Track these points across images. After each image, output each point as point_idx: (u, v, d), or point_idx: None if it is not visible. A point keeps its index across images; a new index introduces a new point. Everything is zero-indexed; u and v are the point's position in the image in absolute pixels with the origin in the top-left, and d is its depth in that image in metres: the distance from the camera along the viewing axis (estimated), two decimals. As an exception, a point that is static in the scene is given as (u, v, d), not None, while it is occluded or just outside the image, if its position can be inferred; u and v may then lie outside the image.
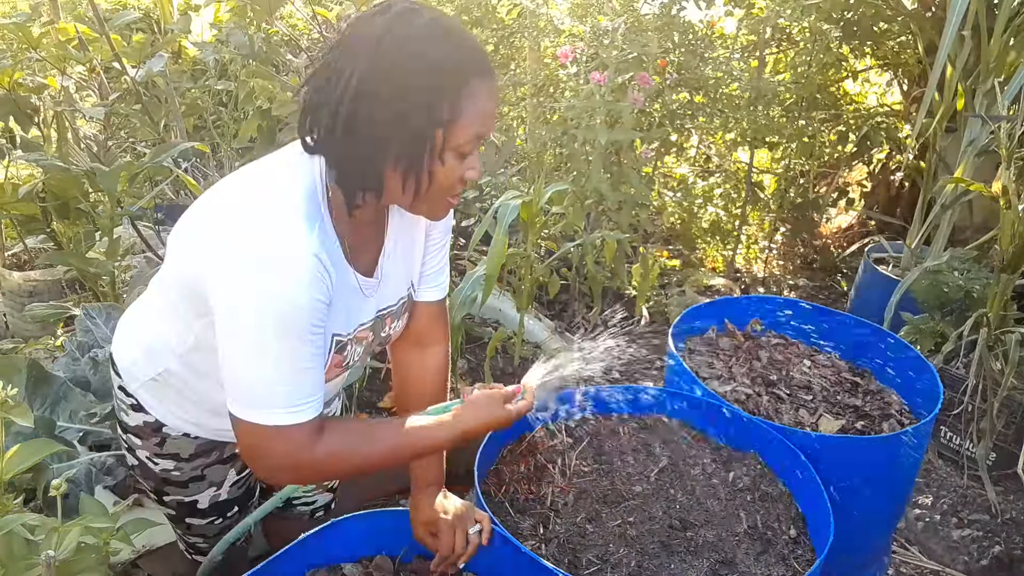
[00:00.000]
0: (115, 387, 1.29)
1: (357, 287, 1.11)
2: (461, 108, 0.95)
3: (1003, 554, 2.21)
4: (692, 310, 2.09)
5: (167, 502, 1.34)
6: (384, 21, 0.94)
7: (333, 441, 1.04)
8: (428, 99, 0.93)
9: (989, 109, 2.61)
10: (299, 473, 1.09)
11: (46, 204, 2.68)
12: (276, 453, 1.02)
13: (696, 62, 3.48)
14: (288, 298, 0.94)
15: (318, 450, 1.02)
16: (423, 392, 1.36)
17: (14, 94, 2.61)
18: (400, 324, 1.29)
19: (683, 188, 4.14)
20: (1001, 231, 2.36)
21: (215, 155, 3.18)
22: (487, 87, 0.98)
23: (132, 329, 1.26)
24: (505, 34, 3.90)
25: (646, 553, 1.30)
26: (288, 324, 0.95)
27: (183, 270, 1.06)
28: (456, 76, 0.94)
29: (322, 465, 1.06)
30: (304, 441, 1.01)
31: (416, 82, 0.92)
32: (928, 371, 1.84)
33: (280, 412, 0.98)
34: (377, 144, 0.95)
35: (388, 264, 1.18)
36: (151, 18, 4.05)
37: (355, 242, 1.10)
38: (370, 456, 1.08)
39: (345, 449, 1.06)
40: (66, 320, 2.36)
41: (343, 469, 1.13)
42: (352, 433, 1.08)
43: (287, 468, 1.05)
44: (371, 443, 1.09)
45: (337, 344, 1.11)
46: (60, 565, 1.01)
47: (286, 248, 0.94)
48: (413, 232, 1.23)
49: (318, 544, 1.27)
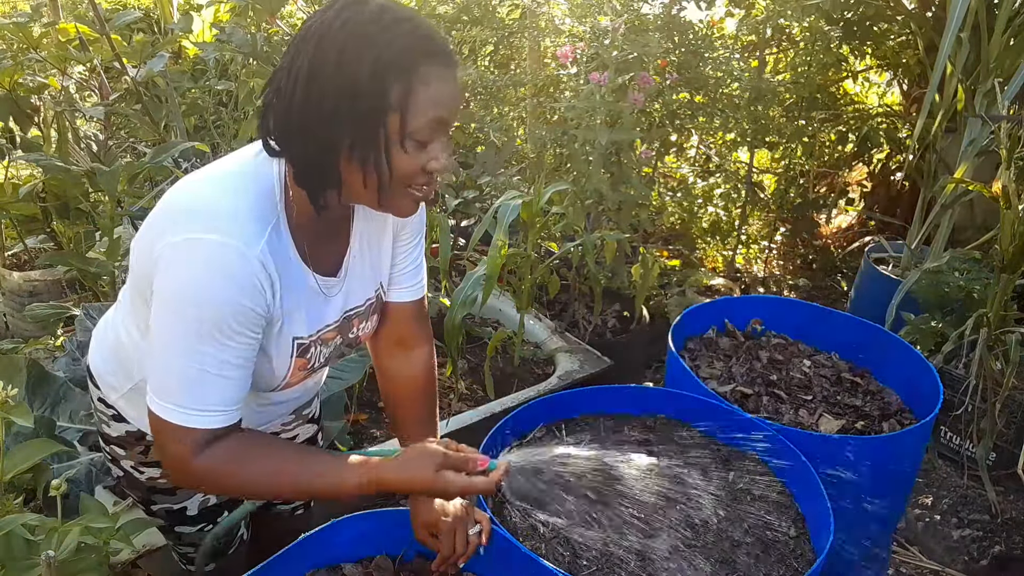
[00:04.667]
0: (94, 399, 1.28)
1: (316, 288, 1.10)
2: (412, 92, 0.91)
3: (1003, 554, 2.21)
4: (692, 310, 2.08)
5: (156, 511, 1.33)
6: (333, 12, 0.93)
7: (217, 456, 0.99)
8: (376, 86, 0.90)
9: (989, 109, 2.61)
10: (183, 478, 1.05)
11: (46, 204, 2.68)
12: (168, 451, 1.00)
13: (696, 62, 3.48)
14: (214, 297, 0.93)
15: (198, 462, 0.99)
16: (413, 395, 1.35)
17: (14, 94, 2.61)
18: (368, 325, 1.26)
19: (683, 188, 4.14)
20: (1001, 231, 2.36)
21: (215, 155, 3.17)
22: (440, 71, 0.93)
23: (106, 339, 1.25)
24: (505, 34, 3.90)
25: (646, 553, 1.30)
26: (206, 320, 0.93)
27: (141, 267, 1.04)
28: (404, 61, 0.91)
29: (199, 478, 1.02)
30: (189, 448, 0.98)
31: (363, 69, 0.90)
32: (928, 371, 1.84)
33: (175, 409, 0.96)
34: (330, 136, 0.93)
35: (353, 264, 1.16)
36: (151, 18, 4.06)
37: (318, 242, 1.08)
38: (255, 481, 1.04)
39: (225, 467, 1.01)
40: (66, 320, 2.36)
41: (223, 486, 1.08)
42: (241, 451, 1.02)
43: (175, 469, 1.02)
44: (256, 467, 1.03)
45: (299, 347, 1.10)
46: (60, 565, 1.01)
47: (225, 249, 0.93)
48: (380, 232, 1.21)
49: (318, 544, 1.27)
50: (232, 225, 0.94)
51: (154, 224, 1.00)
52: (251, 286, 0.95)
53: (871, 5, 3.44)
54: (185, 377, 0.96)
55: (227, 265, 0.93)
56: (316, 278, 1.09)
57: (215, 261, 0.93)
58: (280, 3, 2.85)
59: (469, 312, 2.33)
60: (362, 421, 2.46)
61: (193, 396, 0.97)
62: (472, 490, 1.05)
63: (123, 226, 2.71)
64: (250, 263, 0.94)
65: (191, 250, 0.93)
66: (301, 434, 1.48)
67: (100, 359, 1.26)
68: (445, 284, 2.69)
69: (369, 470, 1.03)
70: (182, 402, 0.97)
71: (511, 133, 3.87)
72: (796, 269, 4.21)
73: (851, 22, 3.53)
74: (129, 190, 2.39)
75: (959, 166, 2.75)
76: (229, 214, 0.95)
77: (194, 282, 0.93)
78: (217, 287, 0.93)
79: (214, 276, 0.93)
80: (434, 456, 1.03)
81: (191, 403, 0.97)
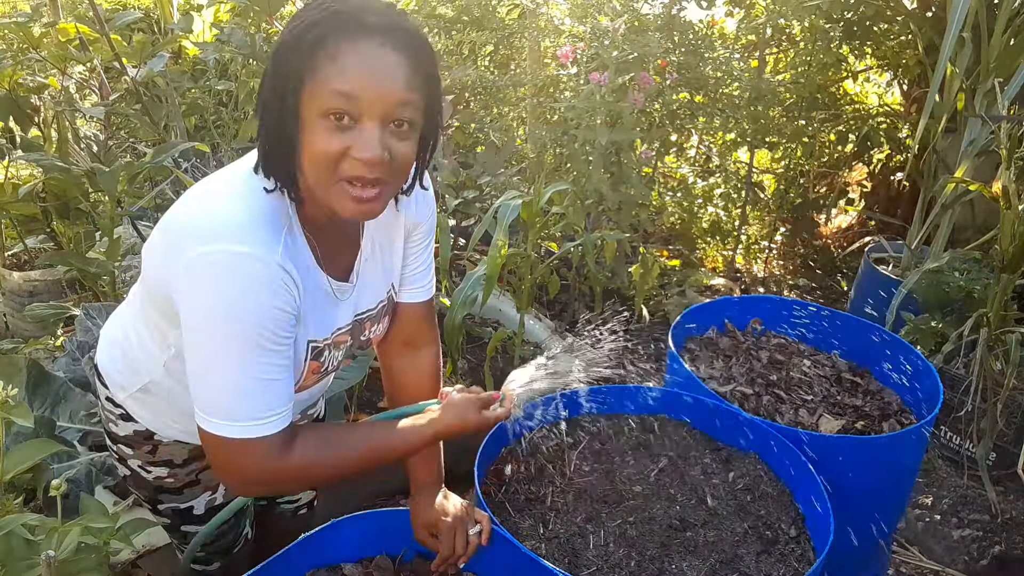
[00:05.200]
0: (101, 398, 1.28)
1: (330, 292, 1.10)
2: (316, 66, 0.90)
3: (1003, 554, 2.21)
4: (692, 310, 2.08)
5: (162, 511, 1.33)
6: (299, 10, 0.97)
7: (307, 450, 1.02)
8: (284, 65, 0.92)
9: (989, 109, 2.61)
10: (272, 485, 1.08)
11: (46, 204, 2.68)
12: (244, 467, 1.00)
13: (696, 62, 3.48)
14: (249, 309, 0.93)
15: (291, 460, 1.00)
16: (419, 395, 1.34)
17: (14, 94, 2.61)
18: (380, 327, 1.27)
19: (683, 188, 4.14)
20: (1001, 231, 2.36)
21: (215, 155, 3.18)
22: (350, 45, 0.90)
23: (115, 339, 1.25)
24: (505, 34, 3.90)
25: (646, 553, 1.30)
26: (249, 333, 0.93)
27: (154, 278, 1.04)
28: (314, 35, 0.90)
29: (296, 474, 1.05)
30: (273, 453, 0.99)
31: (281, 51, 0.93)
32: (928, 371, 1.84)
33: (245, 425, 0.96)
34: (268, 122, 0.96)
35: (365, 268, 1.16)
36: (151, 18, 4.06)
37: (329, 246, 1.08)
38: (344, 461, 1.07)
39: (319, 456, 1.04)
40: (66, 320, 2.36)
41: (318, 476, 1.12)
42: (324, 440, 1.06)
43: (258, 481, 1.03)
44: (344, 448, 1.07)
45: (314, 351, 1.10)
46: (60, 565, 1.01)
47: (247, 257, 0.92)
48: (392, 234, 1.21)
49: (318, 544, 1.27)
50: (248, 235, 0.94)
51: (167, 238, 0.99)
52: (280, 289, 0.95)
53: (871, 5, 3.44)
54: (239, 391, 0.96)
55: (254, 275, 0.93)
56: (331, 281, 1.09)
57: (241, 273, 0.92)
58: (279, 3, 2.85)
59: (469, 312, 2.33)
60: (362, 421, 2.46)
61: (261, 406, 0.97)
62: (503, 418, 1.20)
63: (123, 226, 2.71)
64: (273, 268, 0.94)
65: (214, 267, 0.92)
66: None
67: (108, 358, 1.26)
68: (445, 284, 2.69)
69: (427, 427, 1.13)
70: (251, 415, 0.96)
71: (511, 133, 3.87)
72: (796, 269, 4.21)
73: (851, 22, 3.54)
74: (129, 190, 2.39)
75: (959, 166, 2.75)
76: (243, 225, 0.94)
77: (227, 298, 0.92)
78: (250, 299, 0.93)
79: (245, 289, 0.92)
80: (472, 401, 1.18)
81: (261, 412, 0.97)
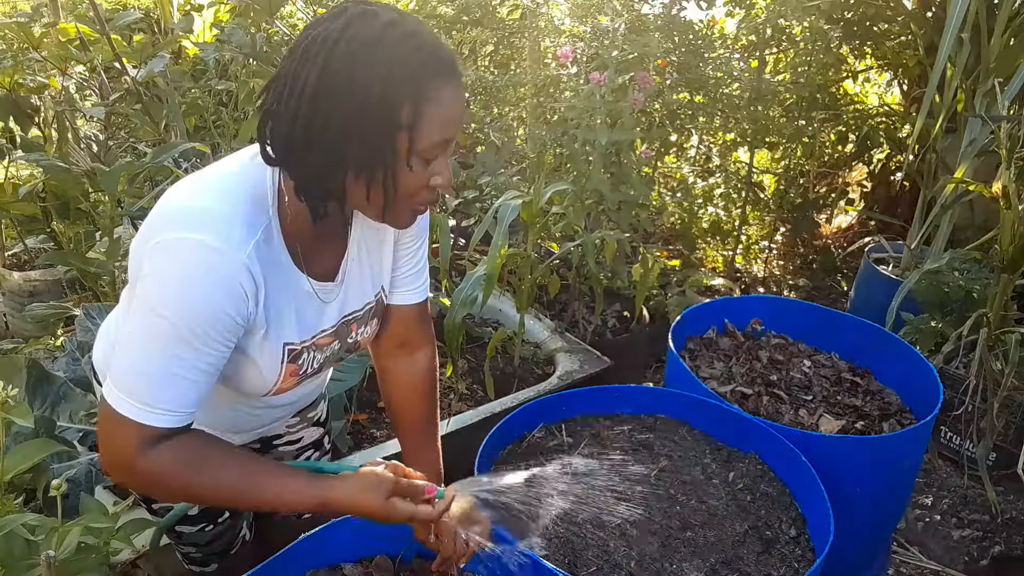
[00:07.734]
0: (99, 396, 1.27)
1: (312, 293, 1.09)
2: (423, 112, 0.91)
3: (1003, 554, 2.21)
4: (692, 310, 2.09)
5: (157, 510, 1.33)
6: (340, 24, 0.90)
7: (162, 458, 0.96)
8: (387, 103, 0.89)
9: (989, 109, 2.61)
10: (124, 476, 1.01)
11: (46, 204, 2.68)
12: (114, 447, 0.97)
13: (696, 62, 3.48)
14: (194, 301, 0.92)
15: (143, 461, 0.96)
16: (415, 397, 1.34)
17: (14, 94, 2.61)
18: (368, 330, 1.25)
19: (683, 188, 4.14)
20: (1001, 231, 2.36)
21: (215, 155, 3.18)
22: (451, 90, 0.93)
23: (109, 338, 1.25)
24: (505, 34, 3.90)
25: (646, 553, 1.30)
26: (180, 323, 0.92)
27: (133, 274, 1.03)
28: (416, 79, 0.90)
29: (142, 479, 1.00)
30: (144, 445, 0.95)
31: (374, 86, 0.88)
32: (928, 371, 1.84)
33: (133, 404, 0.94)
34: (336, 152, 0.92)
35: (351, 269, 1.15)
36: (152, 18, 4.06)
37: (314, 247, 1.07)
38: (199, 489, 1.01)
39: (170, 470, 0.98)
40: (66, 320, 2.36)
41: (161, 489, 1.07)
42: (193, 459, 0.99)
43: (116, 465, 0.99)
44: (208, 476, 1.00)
45: (291, 353, 1.09)
46: (60, 565, 1.01)
47: (212, 250, 0.91)
48: (380, 236, 1.19)
49: (318, 544, 1.27)
50: (220, 227, 0.93)
51: (147, 225, 0.99)
52: (233, 292, 0.94)
53: (871, 5, 3.44)
54: (149, 375, 0.94)
55: (211, 269, 0.92)
56: (311, 283, 1.08)
57: (200, 264, 0.91)
58: (280, 3, 2.85)
59: (469, 312, 2.33)
60: (362, 421, 2.46)
61: (153, 394, 0.94)
62: (418, 519, 1.06)
63: (123, 226, 2.72)
64: (234, 267, 0.93)
65: (177, 250, 0.92)
66: (306, 437, 1.48)
67: (103, 357, 1.26)
68: (445, 284, 2.70)
69: (317, 492, 1.02)
70: (140, 398, 0.94)
71: (511, 133, 3.88)
72: (796, 269, 4.21)
73: (851, 22, 3.54)
74: (129, 190, 2.39)
75: (959, 166, 2.75)
76: (218, 216, 0.94)
77: (176, 283, 0.92)
78: (197, 290, 0.92)
79: (197, 280, 0.92)
80: (386, 483, 1.03)
81: (149, 400, 0.94)
